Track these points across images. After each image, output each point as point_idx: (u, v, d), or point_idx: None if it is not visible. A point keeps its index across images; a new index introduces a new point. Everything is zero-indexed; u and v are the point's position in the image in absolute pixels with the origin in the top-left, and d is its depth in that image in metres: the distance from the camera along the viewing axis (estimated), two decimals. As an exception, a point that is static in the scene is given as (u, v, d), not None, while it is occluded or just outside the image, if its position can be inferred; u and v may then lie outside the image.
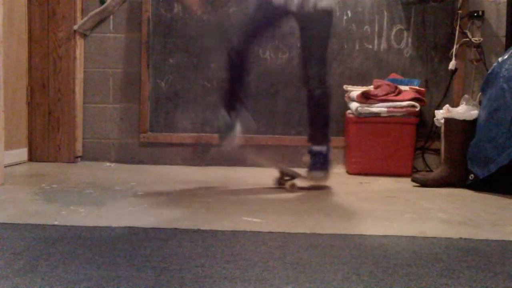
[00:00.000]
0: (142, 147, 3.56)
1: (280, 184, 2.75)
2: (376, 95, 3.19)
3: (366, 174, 3.20)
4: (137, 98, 3.55)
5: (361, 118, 3.20)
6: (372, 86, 3.30)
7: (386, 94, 3.20)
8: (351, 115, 3.28)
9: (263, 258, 1.55)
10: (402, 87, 3.27)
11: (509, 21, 3.26)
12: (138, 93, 3.55)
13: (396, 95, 3.21)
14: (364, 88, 3.27)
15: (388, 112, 3.18)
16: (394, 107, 3.17)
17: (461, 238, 1.83)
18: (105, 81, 3.57)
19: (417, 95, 3.20)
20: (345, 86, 3.40)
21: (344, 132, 3.45)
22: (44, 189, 2.55)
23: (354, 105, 3.22)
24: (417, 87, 3.28)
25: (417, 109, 3.17)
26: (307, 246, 1.69)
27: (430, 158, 3.45)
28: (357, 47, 3.49)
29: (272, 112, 3.55)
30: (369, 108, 3.18)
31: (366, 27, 3.48)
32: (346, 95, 3.39)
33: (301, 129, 3.52)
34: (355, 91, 3.27)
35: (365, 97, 3.19)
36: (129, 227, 1.87)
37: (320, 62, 2.65)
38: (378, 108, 3.18)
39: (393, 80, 3.34)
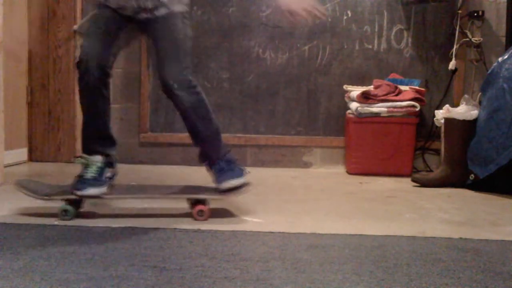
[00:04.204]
0: (142, 147, 3.56)
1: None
2: (376, 95, 3.19)
3: (366, 174, 3.20)
4: (137, 98, 3.55)
5: (361, 118, 3.20)
6: (372, 86, 3.30)
7: (386, 94, 3.20)
8: (351, 115, 3.28)
9: (263, 258, 1.55)
10: (402, 87, 3.27)
11: (509, 21, 3.25)
12: (138, 93, 3.55)
13: (396, 95, 3.21)
14: (364, 88, 3.27)
15: (388, 112, 3.18)
16: (394, 107, 3.17)
17: (461, 238, 1.83)
18: (105, 81, 3.57)
19: (417, 95, 3.20)
20: (345, 86, 3.40)
21: (344, 132, 3.45)
22: (44, 189, 2.55)
23: (354, 105, 3.22)
24: (417, 87, 3.28)
25: (417, 109, 3.17)
26: (307, 246, 1.69)
27: (430, 158, 3.45)
28: (357, 47, 3.49)
29: (272, 112, 3.55)
30: (369, 108, 3.18)
31: (366, 27, 3.48)
32: (346, 95, 3.39)
33: (301, 129, 3.52)
34: (355, 91, 3.27)
35: (365, 97, 3.19)
36: (129, 227, 1.87)
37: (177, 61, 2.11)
38: (378, 108, 3.18)
39: (393, 80, 3.34)
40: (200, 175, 3.11)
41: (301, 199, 2.49)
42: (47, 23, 3.44)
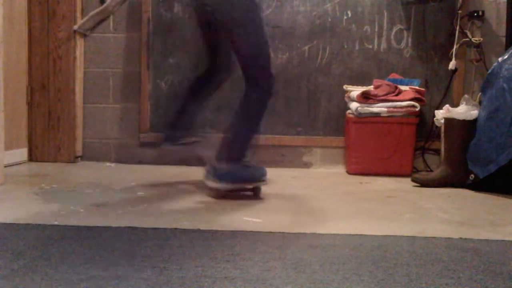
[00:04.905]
0: (142, 147, 3.56)
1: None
2: (376, 95, 3.19)
3: (366, 174, 3.20)
4: (137, 98, 3.55)
5: (361, 118, 3.20)
6: (372, 86, 3.30)
7: (386, 94, 3.20)
8: (351, 115, 3.28)
9: (263, 258, 1.55)
10: (402, 87, 3.27)
11: (509, 21, 3.26)
12: (138, 93, 3.55)
13: (396, 95, 3.21)
14: (364, 88, 3.27)
15: (388, 112, 3.18)
16: (394, 107, 3.17)
17: (461, 238, 1.83)
18: (105, 81, 3.57)
19: (417, 95, 3.20)
20: (345, 86, 3.40)
21: (344, 132, 3.45)
22: (44, 189, 2.55)
23: (354, 105, 3.22)
24: (417, 87, 3.28)
25: (417, 109, 3.17)
26: (307, 246, 1.69)
27: (430, 158, 3.45)
28: (357, 47, 3.49)
29: (272, 112, 3.54)
30: (369, 108, 3.18)
31: (366, 27, 3.48)
32: (346, 95, 3.39)
33: (301, 129, 3.52)
34: (355, 91, 3.27)
35: (365, 97, 3.19)
36: (129, 227, 1.87)
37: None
38: (378, 108, 3.18)
39: (393, 80, 3.34)
40: (200, 175, 3.11)
41: (301, 199, 2.49)
42: (47, 23, 3.44)
